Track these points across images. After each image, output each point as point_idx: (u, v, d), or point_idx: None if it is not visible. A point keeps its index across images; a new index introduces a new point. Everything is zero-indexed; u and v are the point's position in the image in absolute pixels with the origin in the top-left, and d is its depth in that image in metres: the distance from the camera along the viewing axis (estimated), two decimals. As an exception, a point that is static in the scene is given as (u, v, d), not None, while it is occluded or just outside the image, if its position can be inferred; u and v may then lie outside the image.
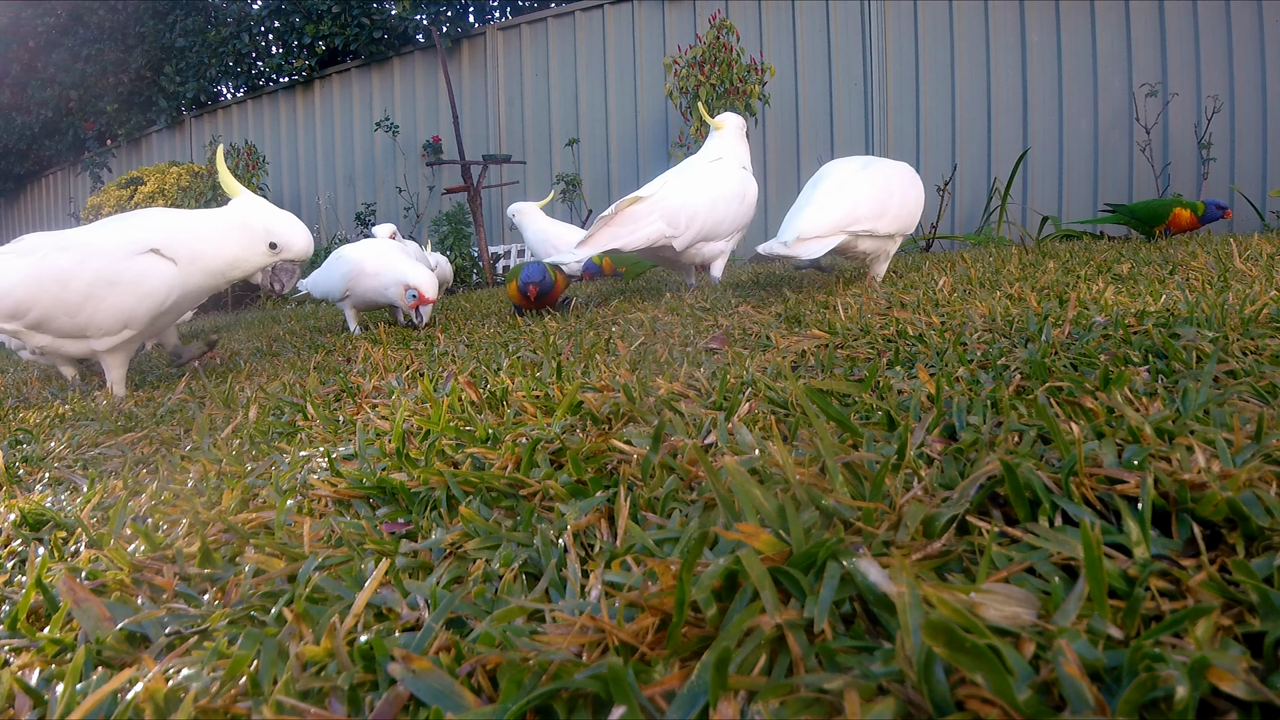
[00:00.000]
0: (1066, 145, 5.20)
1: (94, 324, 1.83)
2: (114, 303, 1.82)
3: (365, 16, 7.54)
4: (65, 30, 9.54)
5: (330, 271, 2.93)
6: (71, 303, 1.82)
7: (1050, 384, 0.84)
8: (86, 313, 1.82)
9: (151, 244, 1.83)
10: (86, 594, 0.62)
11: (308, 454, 1.00)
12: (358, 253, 2.83)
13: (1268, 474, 0.56)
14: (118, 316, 1.83)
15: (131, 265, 1.82)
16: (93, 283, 1.81)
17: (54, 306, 1.82)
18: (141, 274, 1.82)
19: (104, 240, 1.84)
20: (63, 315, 1.83)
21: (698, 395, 0.99)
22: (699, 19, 6.08)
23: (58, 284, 1.81)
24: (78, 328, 1.85)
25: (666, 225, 2.44)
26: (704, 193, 2.52)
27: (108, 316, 1.83)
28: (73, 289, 1.81)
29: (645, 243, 2.41)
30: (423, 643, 0.50)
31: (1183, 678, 0.36)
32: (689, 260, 2.63)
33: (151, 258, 1.83)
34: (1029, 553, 0.51)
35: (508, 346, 1.75)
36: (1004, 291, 1.67)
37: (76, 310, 1.83)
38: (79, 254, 1.82)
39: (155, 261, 1.83)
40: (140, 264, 1.82)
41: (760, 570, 0.48)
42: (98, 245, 1.83)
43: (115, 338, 1.87)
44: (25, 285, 1.81)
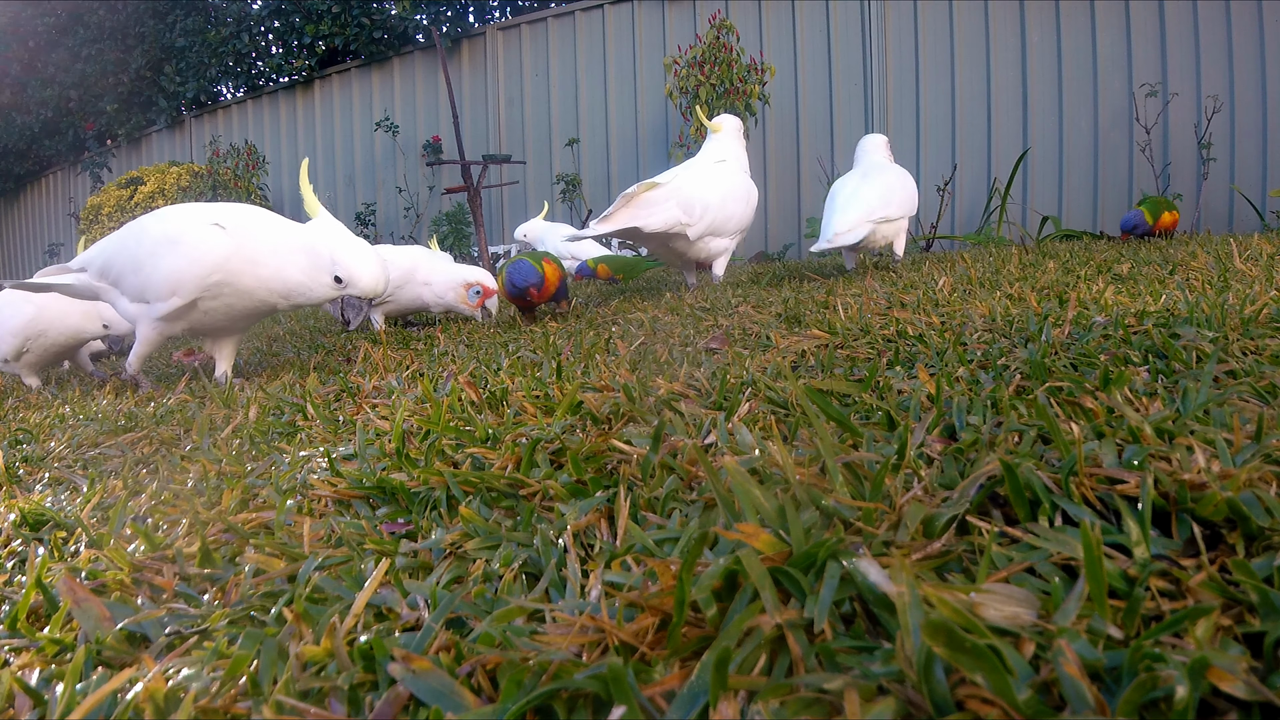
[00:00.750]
0: (1066, 145, 5.20)
1: (149, 286, 1.81)
2: (172, 262, 1.77)
3: (365, 16, 7.54)
4: (65, 30, 9.54)
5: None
6: (136, 258, 1.82)
7: (1050, 384, 0.84)
8: (148, 269, 1.79)
9: (216, 219, 1.79)
10: (86, 594, 0.62)
11: (308, 454, 1.00)
12: (404, 259, 2.71)
13: (1268, 474, 0.56)
14: (174, 275, 1.77)
15: (192, 230, 1.78)
16: (158, 240, 1.79)
17: (125, 265, 1.84)
18: (197, 241, 1.76)
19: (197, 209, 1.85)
20: (132, 274, 1.83)
21: (698, 395, 0.99)
22: (699, 19, 6.08)
23: (133, 238, 1.84)
24: (139, 289, 1.83)
25: (682, 213, 2.51)
26: (715, 188, 2.64)
27: (166, 275, 1.78)
28: (144, 244, 1.81)
29: (662, 226, 2.47)
30: (423, 643, 0.50)
31: (1183, 678, 0.36)
32: (696, 254, 2.67)
33: (213, 228, 1.78)
34: (1029, 553, 0.51)
35: (508, 346, 1.75)
36: (1004, 291, 1.67)
37: (139, 269, 1.81)
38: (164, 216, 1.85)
39: (214, 232, 1.78)
40: (199, 233, 1.77)
41: (760, 570, 0.48)
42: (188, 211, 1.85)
43: (165, 304, 1.80)
44: (115, 241, 1.87)
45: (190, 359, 2.62)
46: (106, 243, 1.90)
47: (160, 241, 1.78)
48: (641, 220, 2.46)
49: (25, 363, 2.31)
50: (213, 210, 1.82)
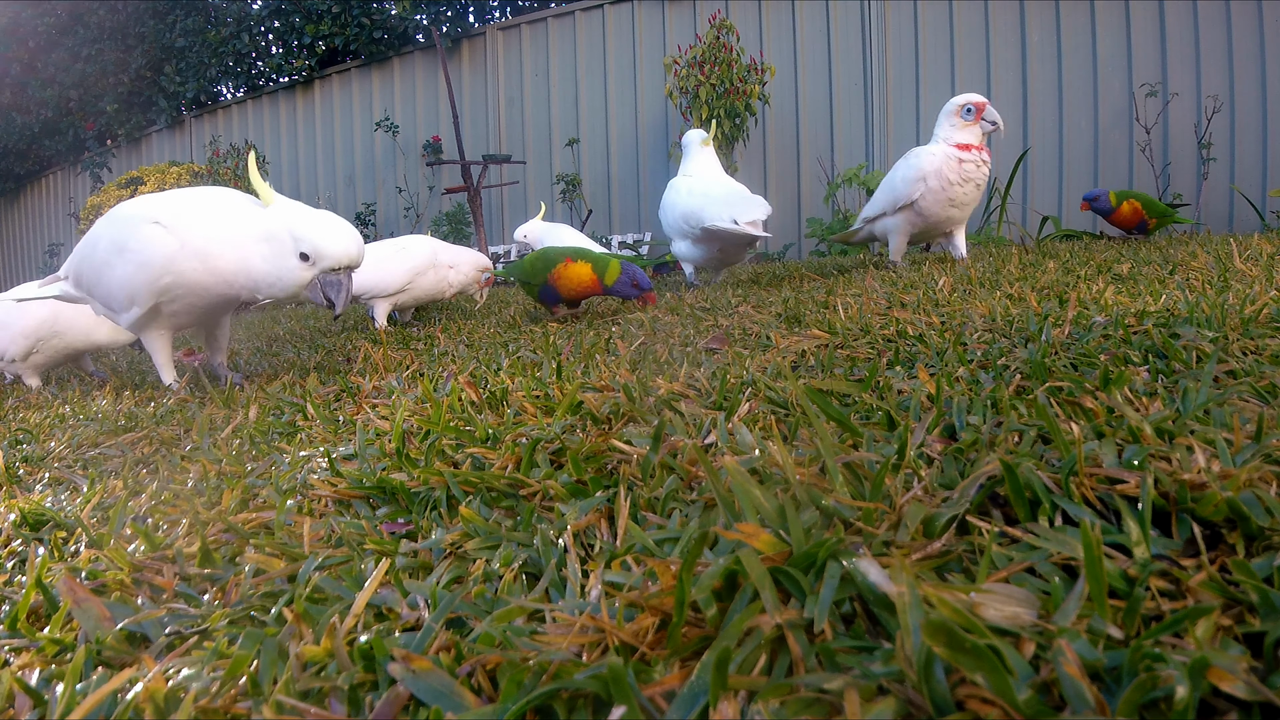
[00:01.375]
0: (1066, 145, 5.20)
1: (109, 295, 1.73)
2: (120, 271, 1.68)
3: (365, 16, 7.54)
4: (65, 30, 9.54)
5: (391, 266, 2.72)
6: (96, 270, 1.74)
7: (1050, 384, 0.84)
8: (105, 280, 1.72)
9: (157, 218, 1.66)
10: (86, 594, 0.62)
11: (308, 454, 1.00)
12: (424, 246, 2.70)
13: (1268, 474, 0.56)
14: (125, 285, 1.68)
15: (137, 234, 1.66)
16: (109, 248, 1.71)
17: (87, 273, 1.77)
18: (142, 242, 1.65)
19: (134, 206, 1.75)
20: (96, 283, 1.75)
21: (698, 395, 0.99)
22: (699, 19, 6.08)
23: (89, 246, 1.76)
24: (106, 297, 1.76)
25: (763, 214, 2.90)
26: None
27: (117, 285, 1.69)
28: (99, 251, 1.73)
29: (765, 215, 2.93)
30: (423, 643, 0.50)
31: (1183, 678, 0.36)
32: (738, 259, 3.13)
33: (153, 228, 1.65)
34: (1029, 553, 0.51)
35: (508, 346, 1.75)
36: (1004, 291, 1.67)
37: (98, 278, 1.73)
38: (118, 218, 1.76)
39: (156, 232, 1.65)
40: (145, 234, 1.65)
41: (760, 570, 0.48)
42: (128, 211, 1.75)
43: (127, 314, 1.72)
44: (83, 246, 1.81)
45: (191, 359, 2.62)
46: (78, 249, 1.81)
47: (110, 250, 1.70)
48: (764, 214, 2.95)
49: (31, 364, 2.30)
50: (155, 205, 1.69)
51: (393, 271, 2.71)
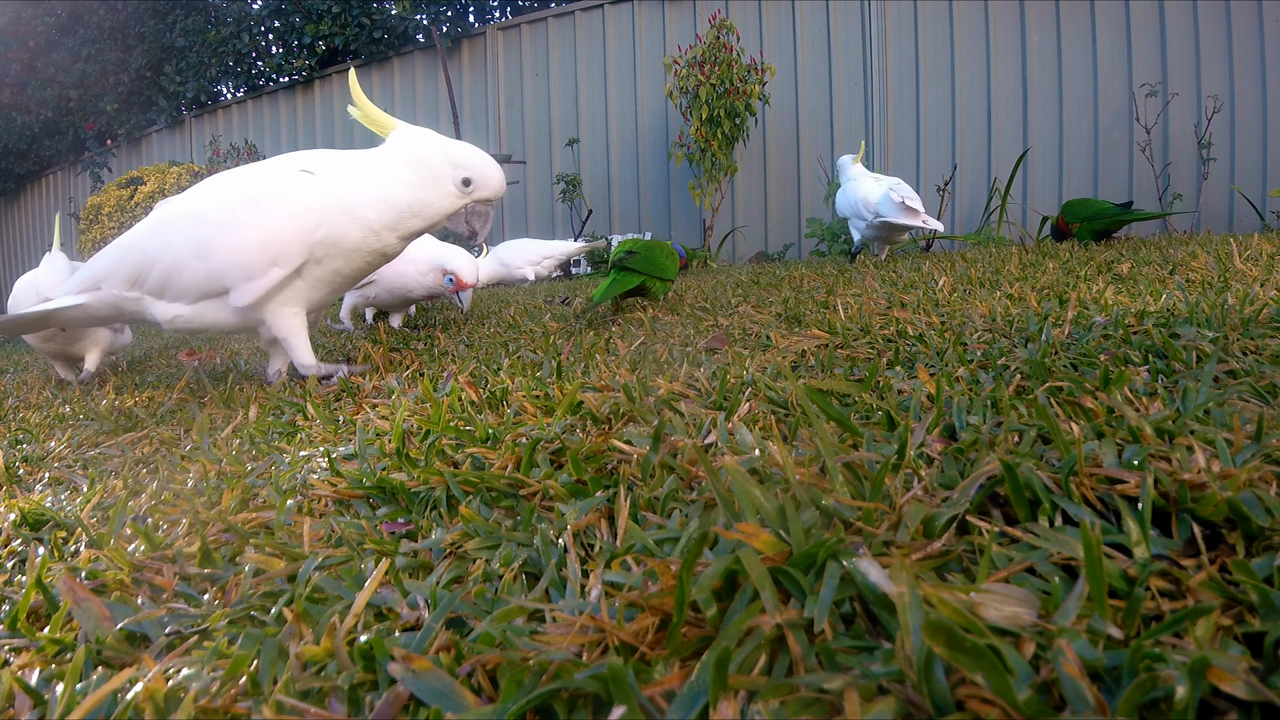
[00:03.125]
0: (1066, 145, 5.20)
1: (234, 264, 1.47)
2: (262, 226, 1.45)
3: (365, 16, 7.54)
4: (65, 30, 9.54)
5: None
6: (206, 239, 1.49)
7: (1050, 384, 0.84)
8: (224, 245, 1.47)
9: (303, 166, 1.52)
10: (86, 594, 0.62)
11: (308, 454, 1.00)
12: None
13: (1268, 474, 0.56)
14: (266, 244, 1.45)
15: (279, 185, 1.49)
16: (233, 207, 1.48)
17: (181, 251, 1.50)
18: (289, 190, 1.47)
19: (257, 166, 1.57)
20: (194, 259, 1.50)
21: (698, 395, 0.99)
22: (699, 19, 6.08)
23: (190, 218, 1.51)
24: (214, 275, 1.50)
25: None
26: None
27: (252, 246, 1.46)
28: (208, 220, 1.50)
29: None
30: (423, 643, 0.50)
31: (1183, 678, 0.36)
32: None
33: (300, 175, 1.50)
34: (1029, 553, 0.51)
35: (508, 346, 1.75)
36: (1004, 291, 1.67)
37: (212, 248, 1.48)
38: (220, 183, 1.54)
39: (304, 179, 1.49)
40: (290, 185, 1.48)
41: (760, 570, 0.48)
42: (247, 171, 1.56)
43: (262, 281, 1.48)
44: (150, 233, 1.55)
45: (191, 359, 2.61)
46: (123, 251, 1.59)
47: (237, 209, 1.47)
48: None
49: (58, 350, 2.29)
50: (267, 166, 1.55)
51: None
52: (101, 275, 1.60)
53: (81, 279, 1.64)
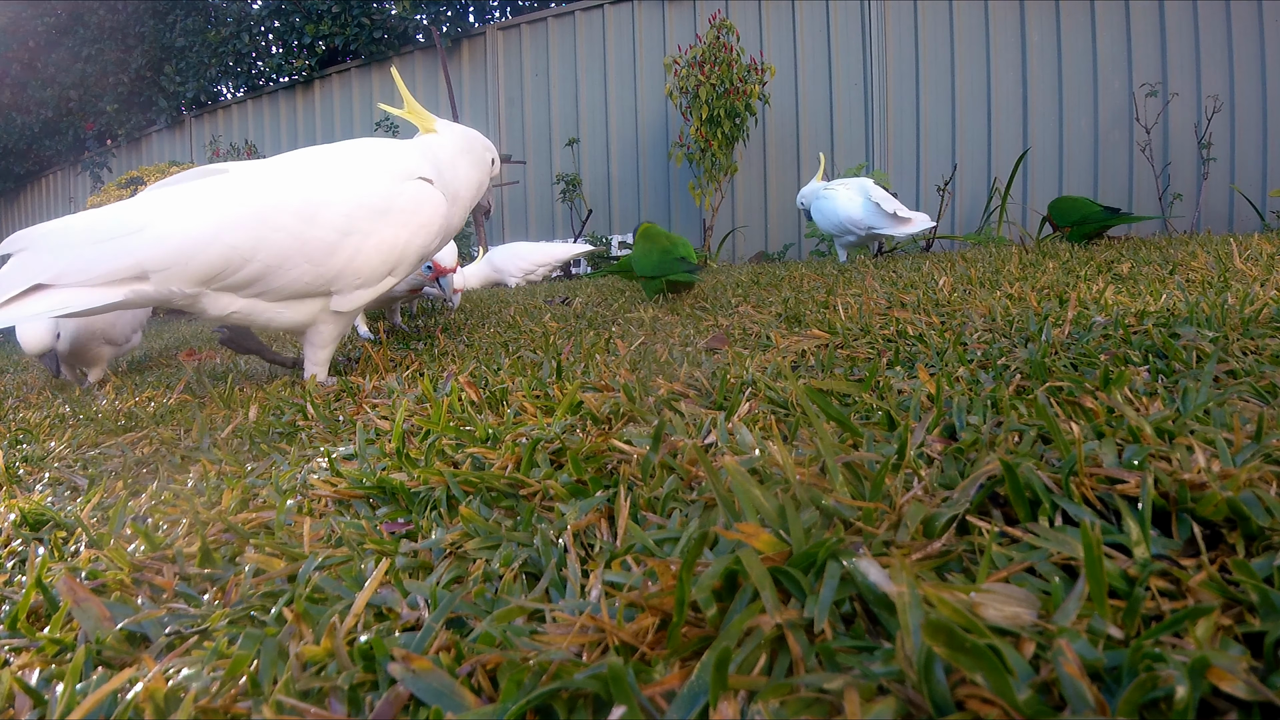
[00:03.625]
0: (1066, 145, 5.20)
1: (350, 270, 1.44)
2: (384, 236, 1.45)
3: (365, 16, 7.54)
4: (65, 30, 9.55)
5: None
6: (322, 241, 1.41)
7: (1050, 384, 0.84)
8: (345, 252, 1.43)
9: (419, 171, 1.53)
10: (86, 594, 0.62)
11: (308, 454, 1.00)
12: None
13: (1268, 474, 0.56)
14: (387, 254, 1.46)
15: (402, 193, 1.48)
16: (353, 214, 1.43)
17: (288, 251, 1.40)
18: (410, 205, 1.48)
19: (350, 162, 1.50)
20: (303, 261, 1.42)
21: (698, 395, 0.99)
22: (699, 19, 6.08)
23: (301, 219, 1.42)
24: (322, 279, 1.44)
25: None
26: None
27: (373, 255, 1.45)
28: (324, 223, 1.42)
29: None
30: (423, 642, 0.50)
31: (1183, 678, 0.36)
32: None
33: (423, 185, 1.52)
34: (1029, 553, 0.51)
35: (508, 346, 1.75)
36: (1004, 291, 1.67)
37: (329, 253, 1.42)
38: (322, 179, 1.45)
39: (428, 190, 1.52)
40: (410, 193, 1.49)
41: (760, 570, 0.48)
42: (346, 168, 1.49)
43: (373, 289, 1.49)
44: (240, 226, 1.38)
45: (191, 359, 2.62)
46: (192, 243, 1.37)
47: (359, 217, 1.45)
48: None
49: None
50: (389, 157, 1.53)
51: None
52: (153, 266, 1.35)
53: (111, 269, 1.34)
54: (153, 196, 1.43)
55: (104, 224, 1.36)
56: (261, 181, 1.46)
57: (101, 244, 1.34)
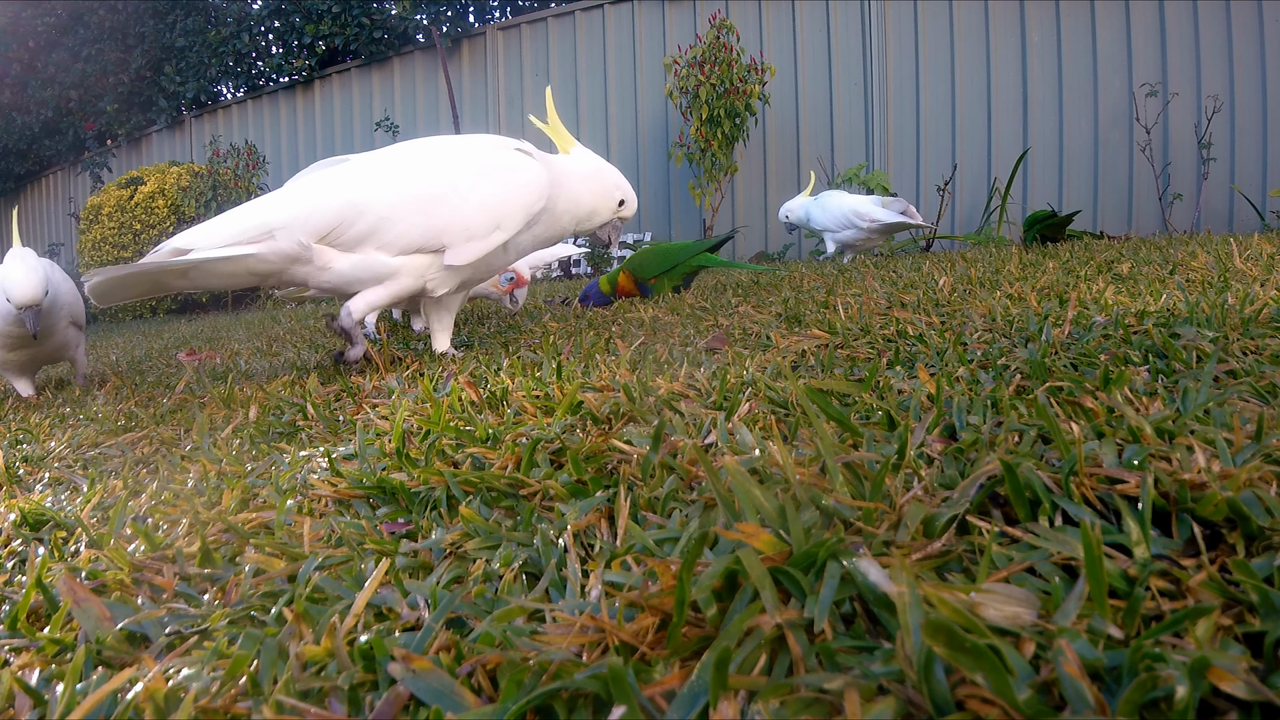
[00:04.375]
0: (1066, 145, 5.20)
1: (458, 221, 1.55)
2: (488, 192, 1.57)
3: (365, 16, 7.54)
4: (65, 30, 9.55)
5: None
6: (427, 194, 1.55)
7: (1050, 384, 0.84)
8: (450, 204, 1.55)
9: (519, 147, 1.66)
10: (86, 594, 0.62)
11: (308, 454, 1.00)
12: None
13: (1268, 474, 0.56)
14: (492, 209, 1.56)
15: (503, 156, 1.62)
16: (458, 170, 1.59)
17: (398, 203, 1.54)
18: (513, 165, 1.60)
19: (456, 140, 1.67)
20: (414, 214, 1.55)
21: (698, 395, 0.99)
22: (699, 19, 6.08)
23: (409, 176, 1.58)
24: (432, 230, 1.56)
25: None
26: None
27: (478, 209, 1.56)
28: (431, 179, 1.57)
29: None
30: (423, 642, 0.50)
31: (1183, 678, 0.36)
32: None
33: (520, 153, 1.64)
34: (1029, 553, 0.51)
35: (508, 346, 1.75)
36: (1004, 291, 1.67)
37: (435, 202, 1.55)
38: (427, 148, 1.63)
39: (525, 157, 1.63)
40: (511, 157, 1.62)
41: (760, 570, 0.48)
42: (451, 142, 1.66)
43: (483, 242, 1.58)
44: (354, 185, 1.55)
45: (192, 359, 2.61)
46: (315, 199, 1.54)
47: (464, 173, 1.59)
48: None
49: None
50: (491, 138, 1.68)
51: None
52: (279, 223, 1.52)
53: (244, 228, 1.52)
54: (283, 189, 1.65)
55: (238, 209, 1.59)
56: (378, 155, 1.66)
57: (234, 218, 1.55)
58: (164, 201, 7.52)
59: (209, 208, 7.20)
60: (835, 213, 3.93)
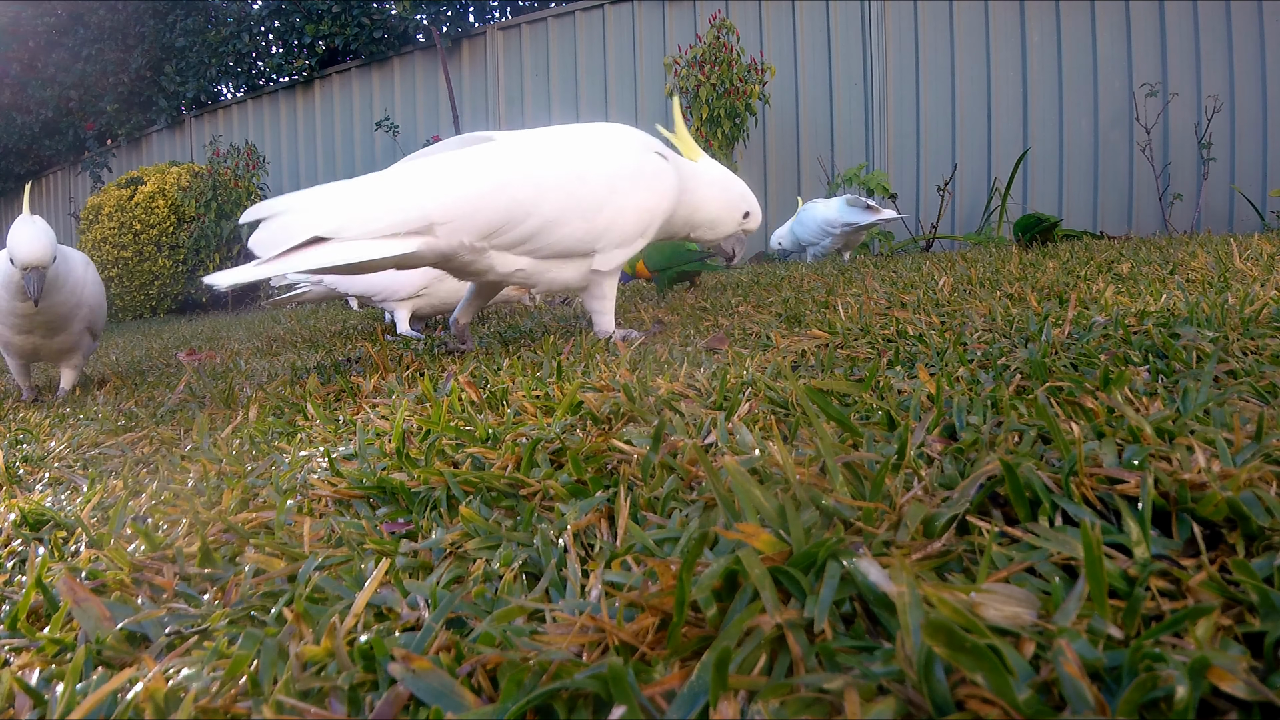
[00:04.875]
0: (1066, 145, 5.20)
1: (614, 228, 1.53)
2: (639, 199, 1.54)
3: (365, 16, 7.54)
4: (65, 30, 9.54)
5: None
6: (592, 199, 1.50)
7: (1050, 384, 0.84)
8: (610, 211, 1.52)
9: (658, 149, 1.63)
10: (86, 594, 0.62)
11: (308, 454, 1.00)
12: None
13: (1268, 474, 0.56)
14: (642, 215, 1.55)
15: (648, 161, 1.58)
16: (615, 175, 1.53)
17: (564, 207, 1.48)
18: (658, 171, 1.58)
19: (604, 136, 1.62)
20: (576, 218, 1.50)
21: (698, 395, 0.99)
22: (699, 19, 6.08)
23: (573, 176, 1.50)
24: (591, 235, 1.53)
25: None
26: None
27: (633, 215, 1.54)
28: (593, 182, 1.51)
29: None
30: (423, 642, 0.50)
31: (1183, 678, 0.36)
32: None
33: (661, 159, 1.61)
34: (1029, 553, 0.51)
35: (508, 346, 1.75)
36: (1004, 291, 1.67)
37: (597, 209, 1.51)
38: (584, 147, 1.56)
39: (664, 162, 1.60)
40: (655, 162, 1.59)
41: (760, 570, 0.48)
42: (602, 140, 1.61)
43: (629, 249, 1.58)
44: (521, 182, 1.46)
45: (191, 358, 2.61)
46: (477, 194, 1.43)
47: (619, 177, 1.54)
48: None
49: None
50: (629, 134, 1.62)
51: (408, 274, 2.52)
52: (439, 217, 1.39)
53: (400, 219, 1.36)
54: (423, 162, 1.49)
55: (378, 183, 1.43)
56: (531, 147, 1.55)
57: (383, 199, 1.38)
58: (164, 201, 7.52)
59: (209, 208, 7.20)
60: (811, 226, 4.22)
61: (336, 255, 1.30)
